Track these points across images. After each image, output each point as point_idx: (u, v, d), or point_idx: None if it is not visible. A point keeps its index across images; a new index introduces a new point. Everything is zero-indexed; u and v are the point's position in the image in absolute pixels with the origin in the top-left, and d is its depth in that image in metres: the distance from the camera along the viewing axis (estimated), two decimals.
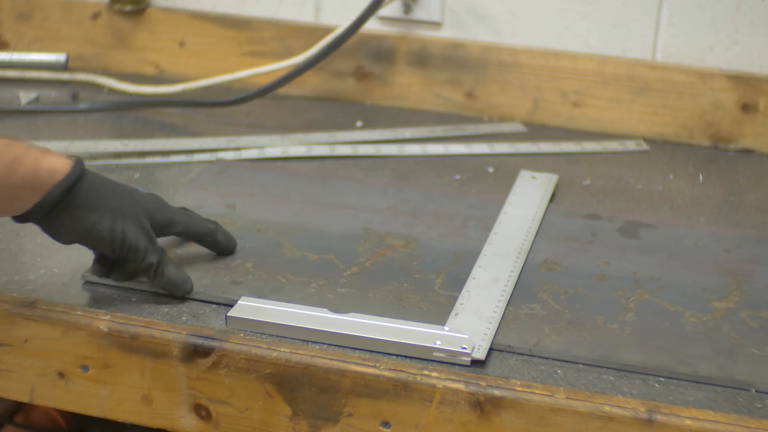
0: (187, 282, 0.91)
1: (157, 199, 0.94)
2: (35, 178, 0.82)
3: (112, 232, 0.87)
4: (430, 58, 1.38)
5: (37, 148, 0.83)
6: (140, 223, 0.89)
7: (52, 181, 0.83)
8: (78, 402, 0.90)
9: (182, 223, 0.94)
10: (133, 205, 0.89)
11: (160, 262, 0.89)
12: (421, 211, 1.10)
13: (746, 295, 0.97)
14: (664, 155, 1.30)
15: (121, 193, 0.89)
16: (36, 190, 0.82)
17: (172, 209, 0.94)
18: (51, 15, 1.47)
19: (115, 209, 0.87)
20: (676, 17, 1.32)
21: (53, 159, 0.84)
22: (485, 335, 0.87)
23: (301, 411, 0.85)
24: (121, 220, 0.87)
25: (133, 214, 0.88)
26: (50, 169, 0.83)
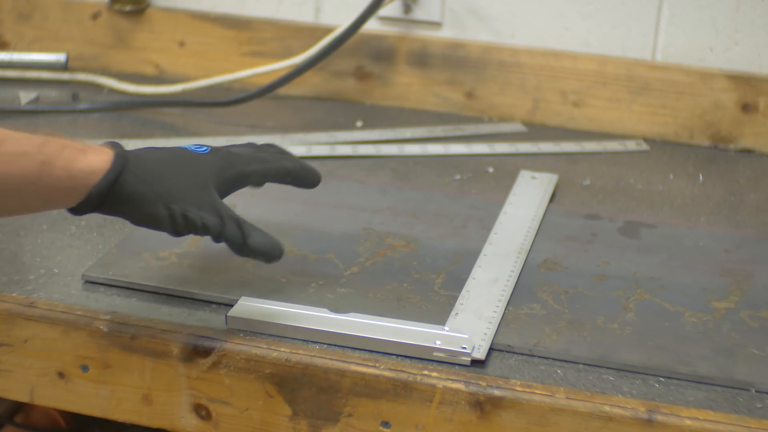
0: (276, 247, 0.84)
1: (221, 156, 0.86)
2: (70, 179, 0.77)
3: (171, 218, 0.81)
4: (430, 58, 1.38)
5: (73, 146, 0.78)
6: (203, 199, 0.82)
7: (89, 182, 0.78)
8: (78, 402, 0.90)
9: (255, 172, 0.87)
10: (189, 181, 0.82)
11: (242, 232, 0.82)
12: (421, 211, 1.10)
13: (746, 295, 0.97)
14: (664, 155, 1.30)
15: (172, 172, 0.82)
16: (73, 192, 0.78)
17: (241, 159, 0.87)
18: (51, 15, 1.47)
19: (166, 194, 0.80)
20: (676, 17, 1.32)
21: (90, 157, 0.78)
22: (485, 335, 0.87)
23: (301, 411, 0.85)
24: (176, 203, 0.80)
25: (190, 191, 0.81)
26: (86, 170, 0.78)
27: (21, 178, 0.75)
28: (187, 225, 0.82)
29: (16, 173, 0.74)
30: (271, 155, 0.90)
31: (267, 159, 0.89)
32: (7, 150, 0.74)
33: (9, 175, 0.74)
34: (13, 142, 0.75)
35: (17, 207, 0.79)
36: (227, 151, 0.88)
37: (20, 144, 0.75)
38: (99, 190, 0.78)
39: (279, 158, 0.90)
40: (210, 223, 0.82)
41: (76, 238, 1.02)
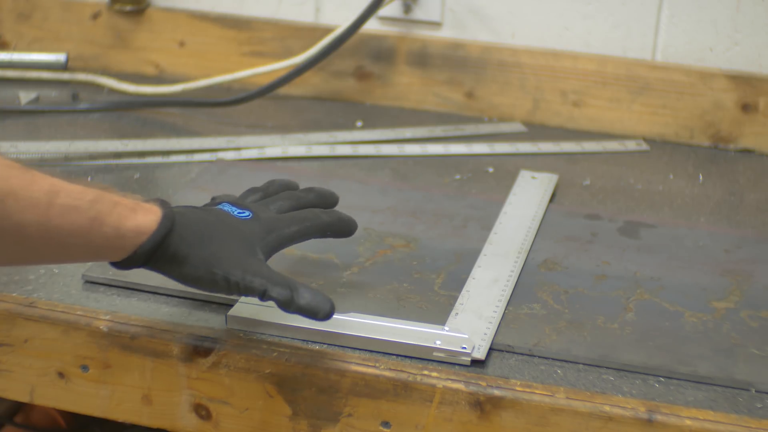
0: (322, 305, 0.82)
1: (264, 222, 0.87)
2: (118, 238, 0.78)
3: (212, 281, 0.82)
4: (430, 58, 1.38)
5: (125, 204, 0.78)
6: (245, 261, 0.82)
7: (137, 242, 0.79)
8: (78, 402, 0.90)
9: (295, 234, 0.89)
10: (233, 246, 0.83)
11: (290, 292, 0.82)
12: (421, 211, 1.10)
13: (746, 295, 0.97)
14: (664, 155, 1.30)
15: (216, 235, 0.83)
16: (119, 250, 0.79)
17: (282, 223, 0.88)
18: (51, 15, 1.47)
19: (210, 258, 0.81)
20: (676, 17, 1.32)
21: (140, 217, 0.79)
22: (485, 335, 0.87)
23: (301, 411, 0.85)
24: (219, 267, 0.81)
25: (233, 255, 0.82)
26: (135, 229, 0.78)
27: (70, 232, 0.75)
28: (230, 288, 0.82)
29: (66, 227, 0.75)
30: (311, 213, 0.91)
31: (307, 217, 0.90)
32: (60, 202, 0.74)
33: (59, 228, 0.74)
34: (66, 195, 0.75)
35: (62, 257, 0.80)
36: (268, 216, 0.88)
37: (73, 198, 0.75)
38: (144, 250, 0.79)
39: (317, 214, 0.91)
40: (256, 285, 0.82)
41: None
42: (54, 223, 0.74)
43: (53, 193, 0.74)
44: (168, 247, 0.80)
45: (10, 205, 0.72)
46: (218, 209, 0.87)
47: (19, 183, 0.72)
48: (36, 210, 0.73)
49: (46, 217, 0.73)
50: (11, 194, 0.72)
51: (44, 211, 0.73)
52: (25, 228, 0.73)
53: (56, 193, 0.74)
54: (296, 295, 0.82)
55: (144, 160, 1.21)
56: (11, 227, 0.72)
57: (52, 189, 0.74)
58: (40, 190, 0.73)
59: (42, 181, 0.74)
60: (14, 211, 0.72)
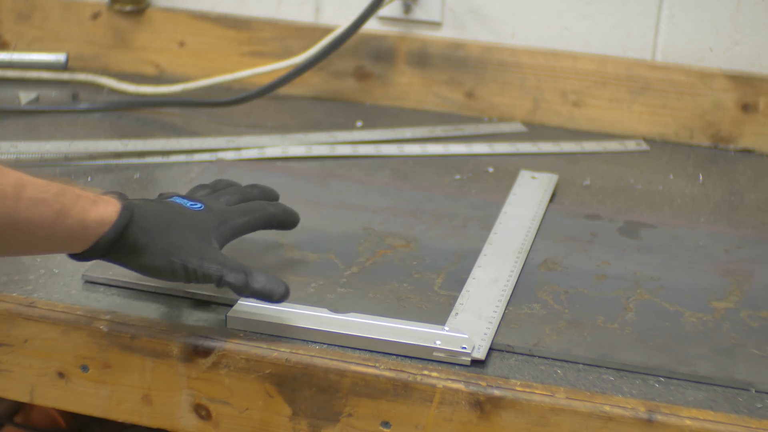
0: (276, 288, 0.86)
1: (216, 214, 0.90)
2: (82, 229, 0.80)
3: (170, 269, 0.84)
4: (430, 58, 1.38)
5: (87, 196, 0.81)
6: (201, 250, 0.85)
7: (99, 232, 0.81)
8: (78, 402, 0.90)
9: (245, 225, 0.92)
10: (189, 235, 0.86)
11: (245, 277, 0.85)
12: (421, 211, 1.10)
13: (746, 295, 0.97)
14: (664, 155, 1.30)
15: (174, 225, 0.85)
16: (82, 241, 0.81)
17: (232, 214, 0.92)
18: (51, 15, 1.47)
19: (168, 246, 0.84)
20: (676, 17, 1.32)
21: (102, 208, 0.81)
22: (485, 335, 0.87)
23: (301, 411, 0.85)
24: (177, 255, 0.84)
25: (189, 244, 0.85)
26: (98, 220, 0.80)
27: (38, 224, 0.77)
28: (188, 275, 0.85)
29: (33, 219, 0.77)
30: (258, 204, 0.96)
31: (255, 209, 0.95)
32: (27, 195, 0.76)
33: (27, 220, 0.76)
34: (33, 189, 0.77)
35: (27, 249, 0.82)
36: (219, 208, 0.92)
37: (39, 191, 0.77)
38: (106, 240, 0.81)
39: (264, 206, 0.96)
40: (212, 271, 0.85)
41: None
42: (22, 215, 0.76)
43: (20, 186, 0.76)
44: (128, 238, 0.82)
45: None
46: (172, 201, 0.90)
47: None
48: (5, 203, 0.75)
49: (14, 209, 0.75)
50: None
51: (12, 204, 0.75)
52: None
53: (23, 186, 0.76)
54: (251, 279, 0.85)
55: (144, 160, 1.21)
56: None
57: (19, 182, 0.76)
58: (8, 183, 0.75)
59: (9, 175, 0.76)
60: None
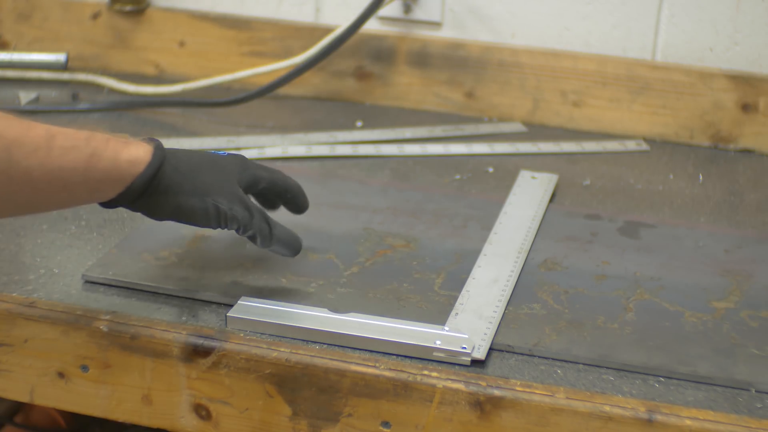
0: (297, 240, 0.91)
1: (240, 159, 0.92)
2: (116, 170, 0.81)
3: (204, 209, 0.86)
4: (430, 58, 1.38)
5: (117, 139, 0.82)
6: (231, 193, 0.87)
7: (134, 172, 0.82)
8: (78, 402, 0.90)
9: (265, 178, 0.93)
10: (219, 176, 0.88)
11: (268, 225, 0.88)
12: (421, 211, 1.10)
13: (746, 295, 0.97)
14: (664, 155, 1.30)
15: (204, 166, 0.87)
16: (117, 182, 0.82)
17: (253, 165, 0.93)
18: (51, 15, 1.47)
19: (201, 186, 0.86)
20: (676, 17, 1.32)
21: (133, 149, 0.83)
22: (485, 335, 0.87)
23: (301, 411, 0.85)
24: (209, 196, 0.86)
25: (220, 185, 0.87)
26: (131, 160, 0.82)
27: (71, 170, 0.79)
28: (219, 217, 0.86)
29: (67, 166, 0.78)
30: (277, 171, 0.96)
31: (275, 171, 0.95)
32: (59, 144, 0.78)
33: (61, 168, 0.78)
34: (63, 137, 0.79)
35: (65, 199, 0.82)
36: (240, 157, 0.93)
37: (70, 138, 0.79)
38: (143, 179, 0.83)
39: (285, 175, 0.96)
40: (239, 215, 0.87)
41: (76, 238, 1.02)
42: (56, 164, 0.78)
43: (51, 137, 0.78)
44: (163, 176, 0.84)
45: (15, 153, 0.75)
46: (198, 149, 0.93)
47: (19, 131, 0.76)
48: (38, 153, 0.77)
49: (48, 158, 0.77)
50: (15, 142, 0.76)
51: (46, 154, 0.77)
52: (31, 172, 0.76)
53: (53, 136, 0.78)
54: (274, 228, 0.88)
55: None
56: (18, 173, 0.76)
57: (49, 133, 0.78)
58: (39, 136, 0.77)
59: (39, 128, 0.78)
60: (20, 158, 0.76)
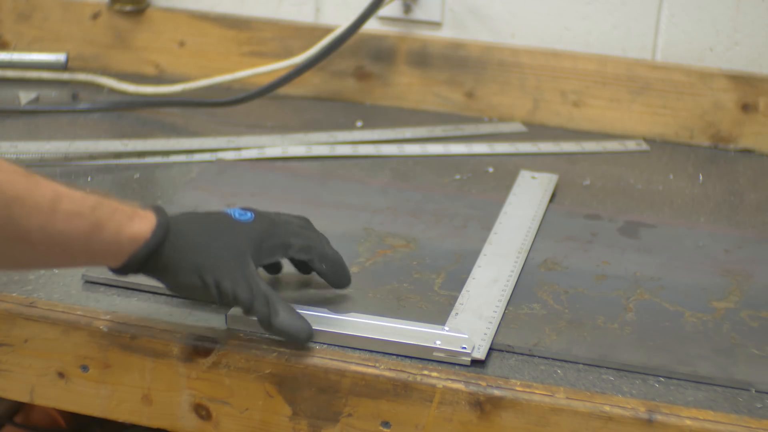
0: (302, 331, 0.84)
1: (266, 224, 0.87)
2: (116, 244, 0.79)
3: (204, 288, 0.82)
4: (430, 58, 1.38)
5: (123, 210, 0.80)
6: (237, 271, 0.83)
7: (131, 249, 0.80)
8: (78, 402, 0.90)
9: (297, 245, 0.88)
10: (226, 252, 0.83)
11: (270, 311, 0.83)
12: (421, 211, 1.10)
13: (746, 295, 0.97)
14: (664, 155, 1.30)
15: (211, 242, 0.83)
16: (117, 256, 0.80)
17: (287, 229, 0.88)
18: (51, 15, 1.47)
19: (202, 265, 0.82)
20: (676, 17, 1.32)
21: (136, 225, 0.80)
22: (485, 335, 0.87)
23: (301, 411, 0.85)
24: (210, 274, 0.82)
25: (225, 263, 0.82)
26: (132, 237, 0.79)
27: (73, 237, 0.76)
28: (221, 297, 0.83)
29: (68, 232, 0.76)
30: (316, 235, 0.91)
31: (312, 237, 0.90)
32: (63, 208, 0.75)
33: (63, 233, 0.76)
34: (69, 201, 0.76)
35: (62, 262, 0.81)
36: (273, 219, 0.88)
37: (75, 204, 0.76)
38: (138, 258, 0.80)
39: (323, 241, 0.91)
40: (241, 296, 0.83)
41: None
42: (57, 228, 0.75)
43: (56, 199, 0.75)
44: (160, 256, 0.81)
45: (16, 211, 0.73)
46: (219, 212, 0.87)
47: (24, 189, 0.73)
48: (40, 215, 0.74)
49: (50, 222, 0.74)
50: (17, 200, 0.73)
51: (48, 217, 0.74)
52: (30, 233, 0.74)
53: (59, 198, 0.75)
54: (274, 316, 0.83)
55: (144, 160, 1.21)
56: (16, 232, 0.73)
57: (56, 195, 0.75)
58: (44, 196, 0.74)
59: (45, 187, 0.75)
60: (20, 217, 0.73)
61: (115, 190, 1.13)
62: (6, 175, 0.73)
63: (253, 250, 0.84)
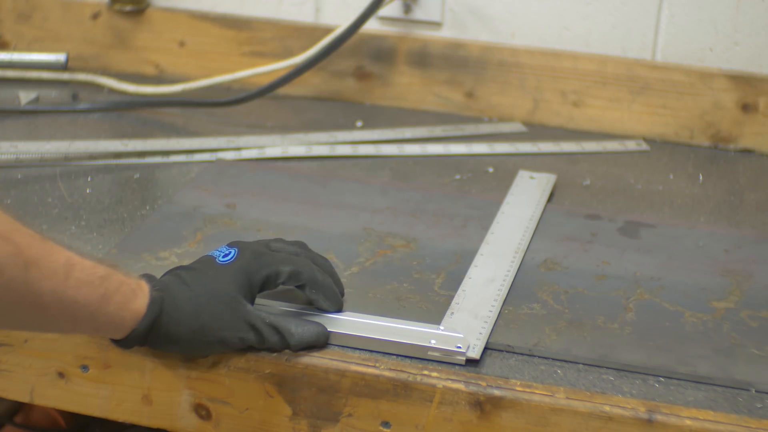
0: (320, 336, 0.85)
1: (249, 260, 0.86)
2: (119, 318, 0.80)
3: (209, 348, 0.84)
4: (430, 58, 1.38)
5: (129, 284, 0.80)
6: (235, 319, 0.83)
7: (132, 325, 0.81)
8: (78, 402, 0.90)
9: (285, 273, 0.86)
10: (220, 308, 0.83)
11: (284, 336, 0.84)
12: (421, 211, 1.10)
13: (746, 295, 0.97)
14: (664, 155, 1.30)
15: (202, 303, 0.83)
16: (119, 329, 0.81)
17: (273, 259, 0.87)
18: (51, 15, 1.47)
19: (200, 329, 0.83)
20: (676, 17, 1.32)
21: (138, 300, 0.81)
22: (480, 334, 0.87)
23: (301, 411, 0.85)
24: (211, 334, 0.83)
25: (220, 318, 0.83)
26: (134, 312, 0.80)
27: (81, 305, 0.77)
28: (227, 347, 0.84)
29: (79, 300, 0.77)
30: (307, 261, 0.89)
31: (300, 263, 0.88)
32: (76, 275, 0.76)
33: (73, 300, 0.76)
34: (81, 269, 0.77)
35: (69, 329, 0.82)
36: (257, 251, 0.87)
37: (87, 272, 0.77)
38: (137, 334, 0.81)
39: (314, 268, 0.89)
40: (248, 339, 0.84)
41: (76, 238, 1.02)
42: (69, 294, 0.76)
43: (70, 266, 0.76)
44: (159, 329, 0.82)
45: (33, 274, 0.73)
46: (204, 259, 0.87)
47: (40, 252, 0.74)
48: (54, 280, 0.75)
49: (63, 288, 0.75)
50: (34, 264, 0.73)
51: (62, 283, 0.75)
52: (42, 297, 0.74)
53: (73, 266, 0.76)
54: (289, 338, 0.84)
55: (144, 160, 1.21)
56: (30, 295, 0.74)
57: (69, 262, 0.76)
58: (58, 262, 0.75)
59: (59, 253, 0.76)
60: (35, 280, 0.74)
61: (115, 190, 1.13)
62: (24, 238, 0.73)
63: (243, 289, 0.85)
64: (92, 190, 1.12)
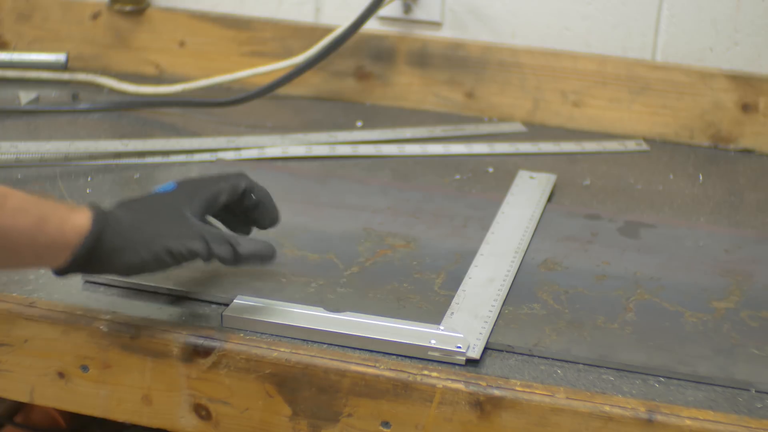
0: (267, 248, 0.87)
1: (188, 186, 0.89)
2: (61, 237, 0.81)
3: (155, 257, 0.84)
4: (430, 58, 1.38)
5: (64, 206, 0.82)
6: (180, 228, 0.85)
7: (77, 240, 0.81)
8: (78, 402, 0.90)
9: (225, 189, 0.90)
10: (164, 218, 0.85)
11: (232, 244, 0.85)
12: (421, 211, 1.10)
13: (746, 295, 0.97)
14: (664, 155, 1.30)
15: (146, 217, 0.85)
16: (63, 249, 0.81)
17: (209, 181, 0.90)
18: (51, 15, 1.47)
19: (145, 237, 0.83)
20: (676, 17, 1.32)
21: (77, 218, 0.81)
22: (480, 334, 0.87)
23: (301, 411, 0.85)
24: (157, 242, 0.83)
25: (167, 227, 0.84)
26: (75, 228, 0.81)
27: (20, 233, 0.78)
28: (174, 257, 0.84)
29: (17, 228, 0.78)
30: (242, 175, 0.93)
31: (238, 176, 0.92)
32: (9, 205, 0.78)
33: (11, 230, 0.78)
34: (14, 199, 0.78)
35: (12, 261, 0.82)
36: (196, 179, 0.91)
37: (20, 200, 0.79)
38: (86, 247, 0.81)
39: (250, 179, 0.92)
40: (195, 247, 0.84)
41: None
42: (6, 223, 0.77)
43: (3, 197, 0.78)
44: (104, 243, 0.82)
45: None
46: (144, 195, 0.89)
47: None
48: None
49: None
50: None
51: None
52: None
53: (5, 196, 0.78)
54: (237, 248, 0.85)
55: (144, 160, 1.21)
56: None
57: (1, 193, 0.78)
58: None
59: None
60: None
61: (115, 190, 1.13)
62: None
63: (187, 206, 0.87)
64: (92, 190, 1.12)
